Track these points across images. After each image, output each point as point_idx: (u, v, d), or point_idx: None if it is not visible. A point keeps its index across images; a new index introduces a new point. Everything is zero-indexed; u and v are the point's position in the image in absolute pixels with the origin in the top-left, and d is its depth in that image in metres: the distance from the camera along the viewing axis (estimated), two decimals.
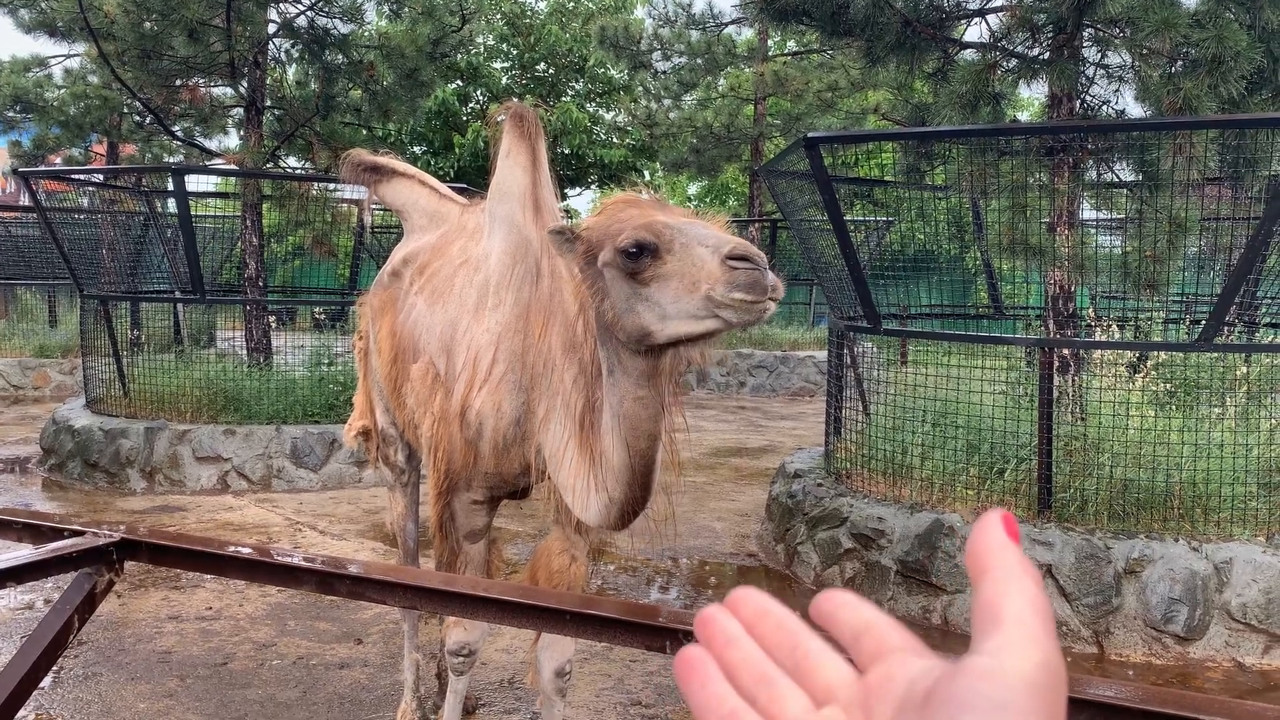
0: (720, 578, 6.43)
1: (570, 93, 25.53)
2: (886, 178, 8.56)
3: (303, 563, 2.12)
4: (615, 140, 25.26)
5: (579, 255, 2.47)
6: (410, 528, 4.05)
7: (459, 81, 25.07)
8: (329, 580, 2.09)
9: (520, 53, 25.28)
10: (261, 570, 2.18)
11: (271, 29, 9.94)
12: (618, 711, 4.29)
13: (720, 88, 19.05)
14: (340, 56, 10.07)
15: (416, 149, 24.46)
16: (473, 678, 4.48)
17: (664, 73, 17.09)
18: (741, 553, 6.94)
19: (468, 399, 3.02)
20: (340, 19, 9.89)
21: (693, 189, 28.94)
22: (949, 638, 5.40)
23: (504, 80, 25.90)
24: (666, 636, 1.73)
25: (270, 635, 5.07)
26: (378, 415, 3.97)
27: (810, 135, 6.09)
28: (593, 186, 27.14)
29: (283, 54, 10.37)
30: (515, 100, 3.57)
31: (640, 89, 19.00)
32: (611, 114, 25.55)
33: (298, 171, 11.10)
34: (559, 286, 3.07)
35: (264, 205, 10.26)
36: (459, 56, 17.82)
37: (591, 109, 25.51)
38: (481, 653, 4.78)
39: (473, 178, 21.45)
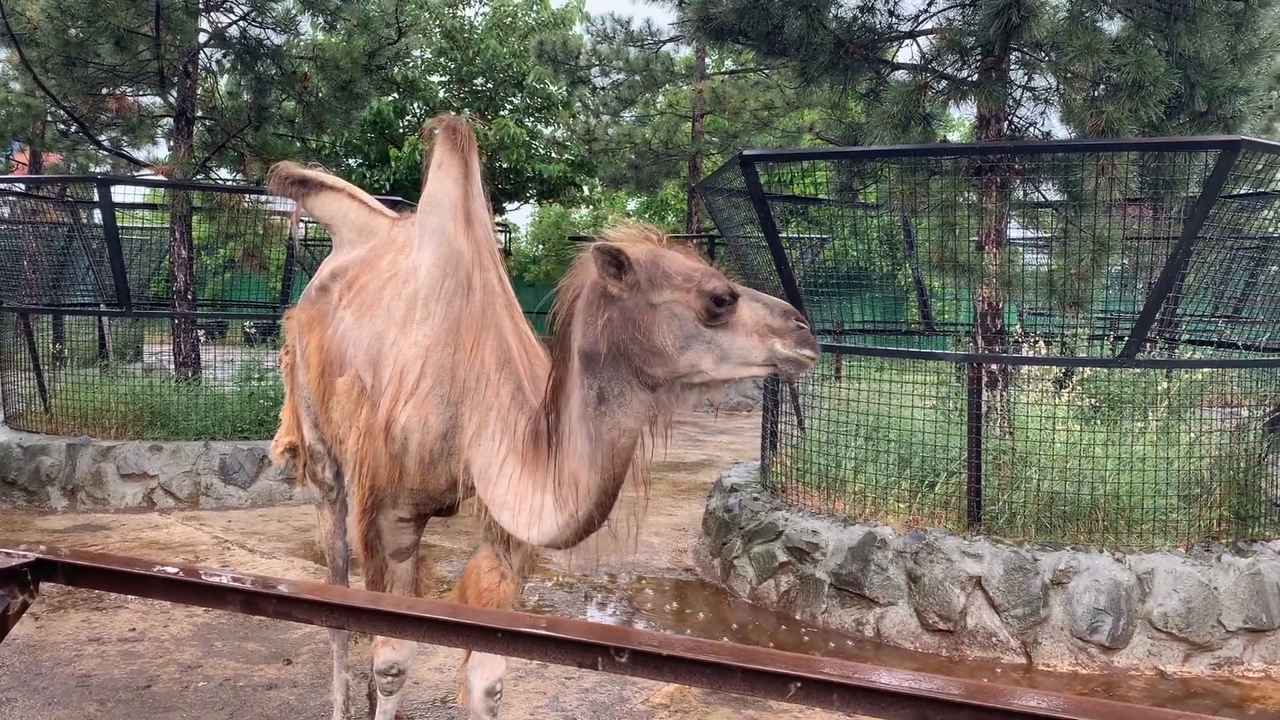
0: (658, 592, 6.43)
1: (509, 107, 25.46)
2: (821, 196, 8.68)
3: (227, 582, 2.07)
4: (554, 155, 25.24)
5: (625, 284, 2.50)
6: (339, 545, 3.98)
7: (395, 94, 24.85)
8: (254, 600, 2.04)
9: (458, 66, 25.16)
10: (184, 590, 2.12)
11: (202, 38, 9.76)
12: None
13: (659, 104, 19.17)
14: (273, 67, 9.91)
15: (352, 161, 24.19)
16: (404, 697, 4.42)
17: (603, 89, 17.15)
18: (678, 567, 6.94)
19: (393, 413, 2.99)
20: (274, 30, 9.75)
21: (632, 205, 29.02)
22: (882, 650, 5.46)
23: (441, 94, 25.73)
24: (598, 652, 1.72)
25: (196, 656, 4.95)
26: (305, 431, 3.89)
27: (746, 153, 6.16)
28: (531, 201, 27.08)
29: (214, 64, 10.19)
30: (449, 113, 3.54)
31: (579, 104, 19.04)
32: (550, 129, 25.53)
33: (229, 183, 10.88)
34: (491, 300, 3.10)
35: (193, 217, 10.05)
36: (395, 69, 17.70)
37: (530, 124, 25.47)
38: (413, 671, 4.72)
39: (409, 191, 21.26)
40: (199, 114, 10.15)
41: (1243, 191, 6.84)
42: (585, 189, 27.52)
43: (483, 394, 2.95)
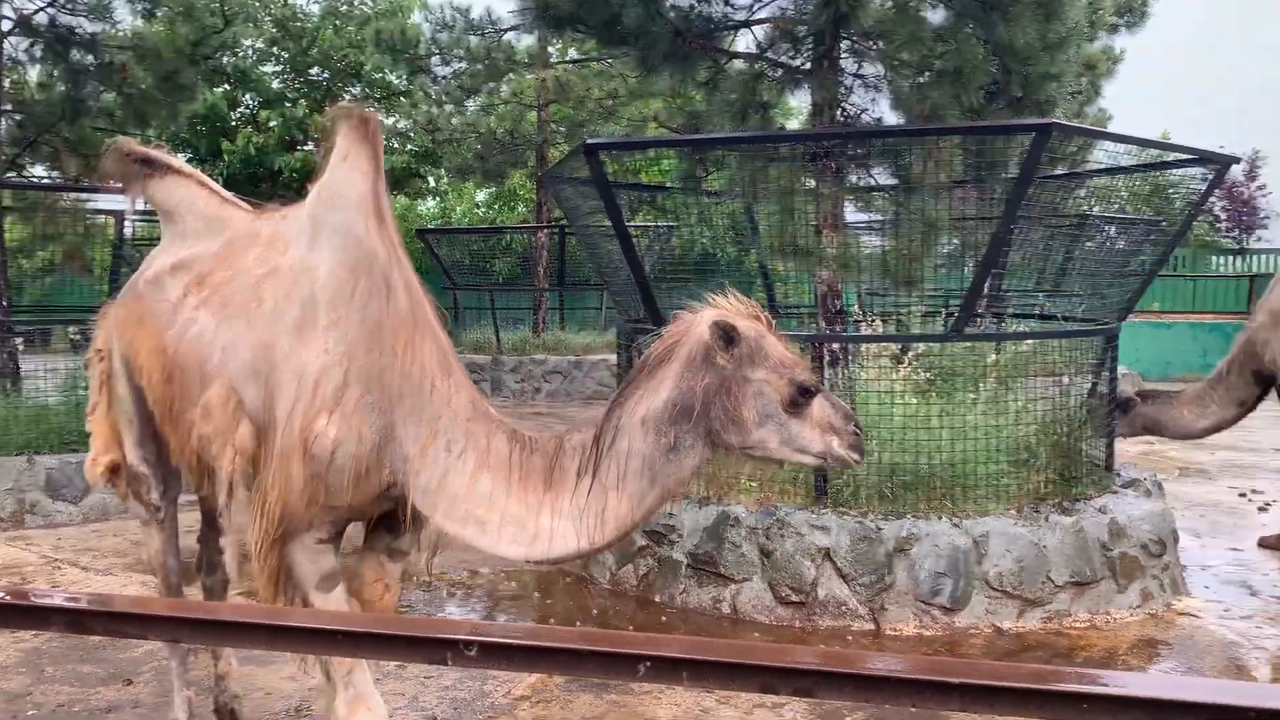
0: (519, 584, 6.40)
1: (347, 98, 24.75)
2: (667, 184, 8.79)
3: (49, 602, 1.95)
4: (396, 146, 24.68)
5: (731, 355, 2.67)
6: (171, 563, 3.74)
7: (226, 85, 23.84)
8: (81, 618, 1.93)
9: (292, 56, 24.30)
10: (5, 614, 1.99)
11: (6, 25, 9.12)
12: None
13: (503, 93, 18.97)
14: (89, 57, 9.34)
15: (181, 156, 23.07)
16: (257, 707, 4.28)
17: (444, 78, 16.85)
18: (546, 562, 6.92)
19: (311, 428, 2.77)
20: (86, 17, 9.18)
21: (480, 195, 28.67)
22: (739, 625, 5.59)
23: (275, 84, 24.82)
24: (447, 648, 1.70)
25: (25, 684, 4.65)
26: (127, 449, 3.58)
27: (590, 142, 6.16)
28: None
29: (21, 53, 9.53)
30: (350, 102, 3.32)
31: (421, 94, 18.66)
32: (392, 119, 24.94)
33: (44, 181, 10.22)
34: (419, 301, 2.95)
35: (6, 218, 9.39)
36: (224, 59, 16.96)
37: None
38: (265, 681, 4.57)
39: (243, 186, 20.46)
40: (7, 107, 9.49)
41: (1059, 173, 7.29)
42: (431, 180, 27.04)
43: (427, 400, 2.83)
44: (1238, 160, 8.19)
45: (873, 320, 7.62)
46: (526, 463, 2.81)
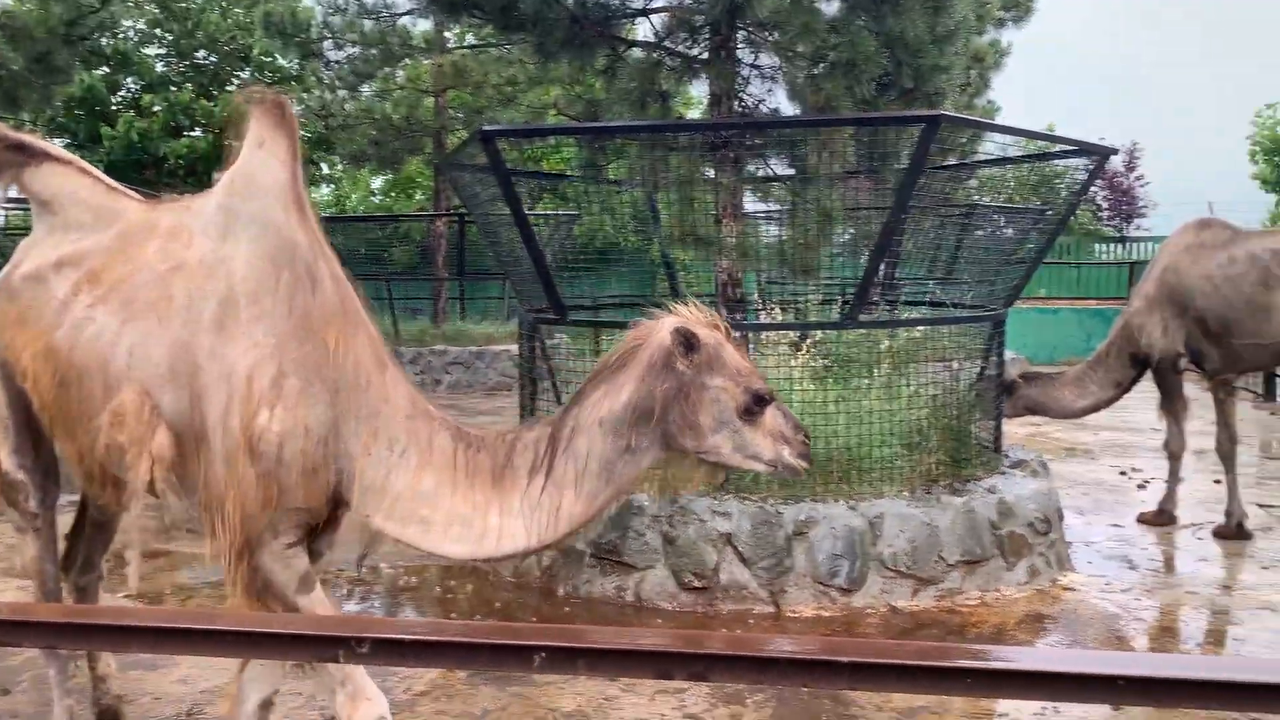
0: (421, 580, 6.32)
1: (235, 82, 23.98)
2: (569, 173, 8.75)
3: None
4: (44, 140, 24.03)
5: (691, 362, 2.71)
6: (49, 569, 3.53)
7: (106, 68, 22.87)
8: None
9: (176, 38, 23.44)
10: None
11: None
12: None
13: (399, 79, 18.62)
14: None
15: (58, 141, 22.07)
16: (145, 713, 4.14)
17: (337, 63, 16.44)
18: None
19: (253, 425, 2.67)
20: None
21: (376, 183, 28.14)
22: (642, 612, 5.62)
23: (159, 68, 23.91)
24: (339, 645, 1.67)
25: None
26: (2, 455, 3.34)
27: (486, 129, 6.10)
28: None
29: None
30: (263, 87, 3.20)
31: (313, 79, 18.20)
32: None
33: None
34: (348, 294, 2.88)
35: None
36: (102, 40, 16.25)
37: None
38: (155, 686, 4.43)
39: (126, 173, 19.66)
40: None
41: (950, 163, 7.49)
42: (325, 167, 26.38)
43: (365, 397, 2.77)
44: (1116, 151, 8.54)
45: (772, 308, 7.72)
46: (472, 461, 2.79)
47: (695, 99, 20.25)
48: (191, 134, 23.27)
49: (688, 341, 2.71)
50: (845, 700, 4.31)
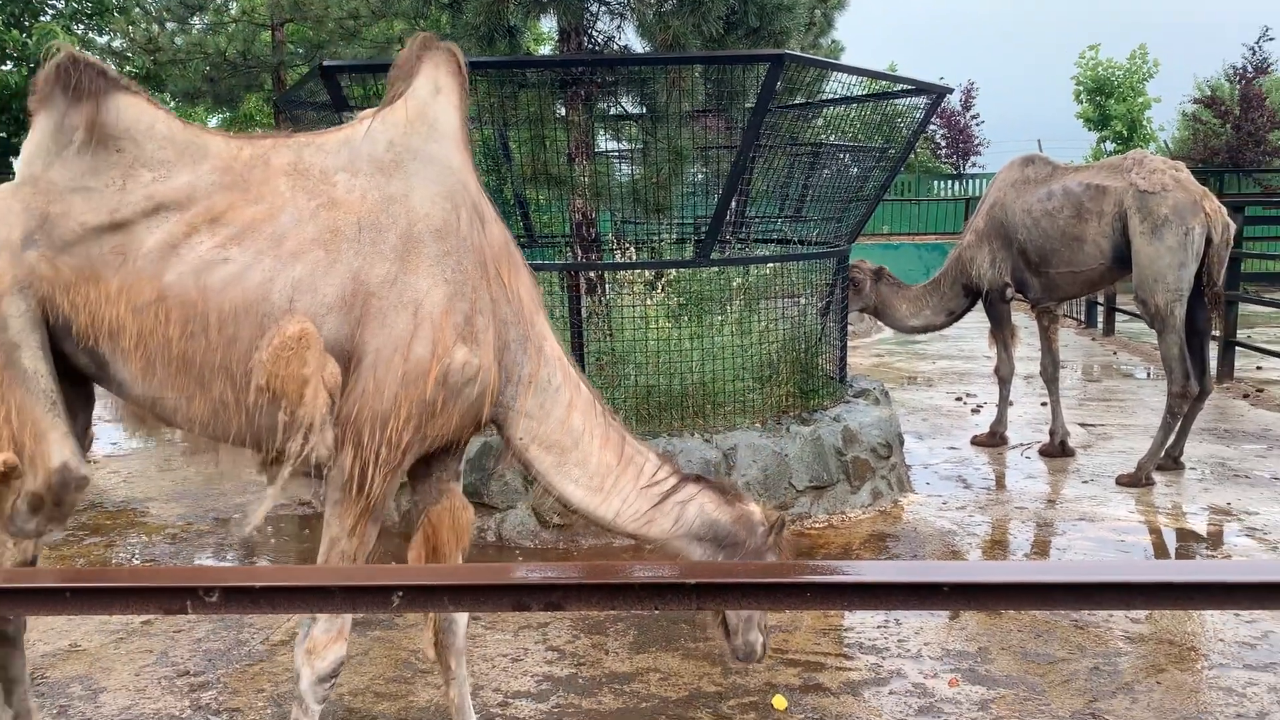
0: (276, 530, 6.19)
1: (51, 12, 22.28)
2: None
3: None
4: (114, 68, 22.52)
5: (772, 543, 3.20)
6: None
7: None
8: None
9: None
10: None
11: None
12: (163, 685, 4.01)
13: (233, 11, 17.64)
14: None
15: None
16: None
17: None
18: (294, 502, 6.71)
19: (450, 356, 2.80)
20: None
21: (213, 121, 26.70)
22: (504, 551, 5.67)
23: None
24: (186, 596, 1.64)
25: None
26: (55, 445, 2.80)
27: (327, 64, 5.88)
28: None
29: None
30: (433, 36, 3.11)
31: (138, 10, 17.07)
32: (106, 37, 22.71)
33: None
34: (508, 234, 3.06)
35: None
36: None
37: (80, 31, 22.47)
38: None
39: None
40: None
41: (798, 102, 7.63)
42: None
43: (531, 332, 3.01)
44: (952, 90, 8.86)
45: (627, 247, 7.77)
46: (611, 425, 3.14)
47: (545, 34, 19.94)
48: (3, 67, 21.54)
49: (780, 529, 3.19)
50: (702, 623, 4.47)
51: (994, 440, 7.83)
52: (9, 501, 2.82)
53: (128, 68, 22.65)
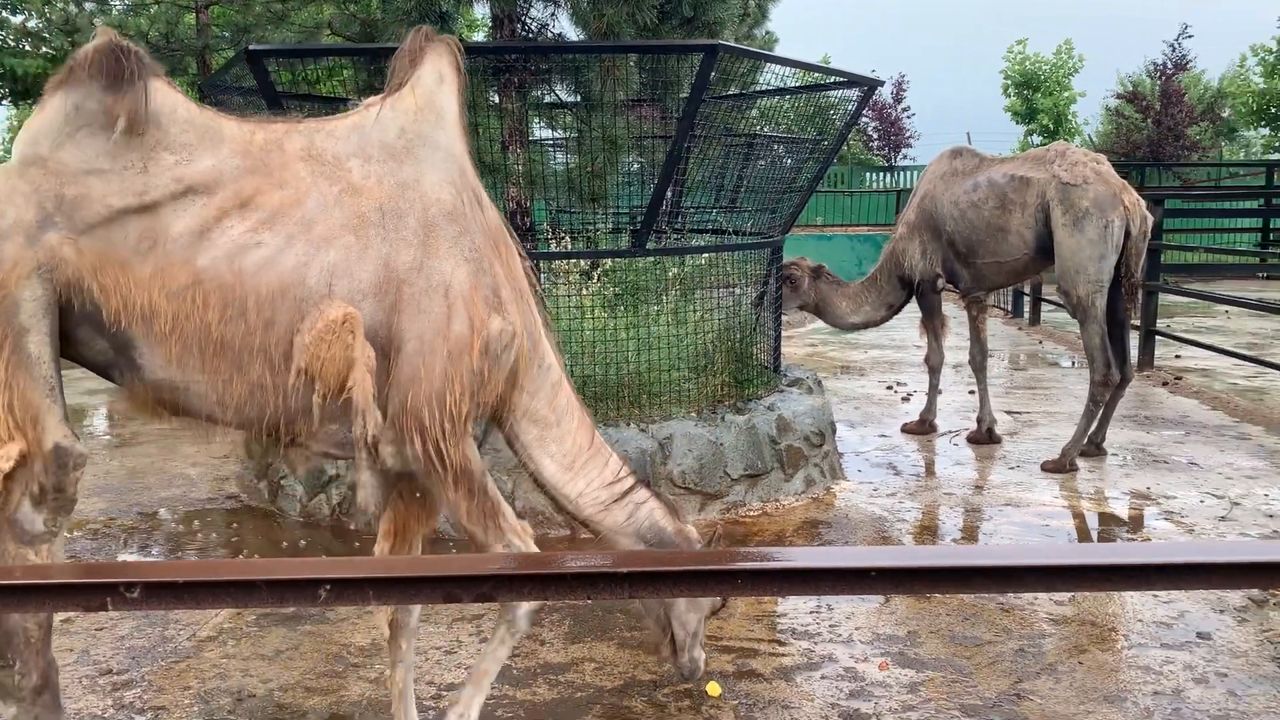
0: (202, 524, 6.05)
1: None
2: (347, 97, 8.37)
3: None
4: (29, 49, 21.76)
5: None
6: None
7: None
8: None
9: None
10: None
11: None
12: (84, 685, 3.90)
13: None
14: None
15: None
16: None
17: None
18: (221, 495, 6.58)
19: (487, 328, 2.93)
20: None
21: None
22: (438, 544, 5.61)
23: None
24: (106, 592, 1.59)
25: None
26: (51, 426, 2.75)
27: (254, 48, 5.74)
28: (4, 103, 23.24)
29: None
30: (432, 28, 3.17)
31: None
32: (21, 17, 21.93)
33: None
34: (500, 216, 3.17)
35: None
36: None
37: None
38: None
39: None
40: None
41: (732, 93, 7.66)
42: None
43: (529, 308, 3.14)
44: (883, 83, 8.96)
45: (562, 237, 7.74)
46: (582, 408, 3.29)
47: (479, 21, 19.74)
48: None
49: (713, 543, 3.47)
50: (638, 613, 4.49)
51: (924, 428, 7.97)
52: (15, 498, 2.75)
53: (44, 49, 21.94)
